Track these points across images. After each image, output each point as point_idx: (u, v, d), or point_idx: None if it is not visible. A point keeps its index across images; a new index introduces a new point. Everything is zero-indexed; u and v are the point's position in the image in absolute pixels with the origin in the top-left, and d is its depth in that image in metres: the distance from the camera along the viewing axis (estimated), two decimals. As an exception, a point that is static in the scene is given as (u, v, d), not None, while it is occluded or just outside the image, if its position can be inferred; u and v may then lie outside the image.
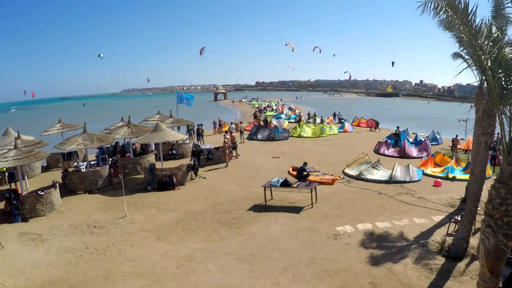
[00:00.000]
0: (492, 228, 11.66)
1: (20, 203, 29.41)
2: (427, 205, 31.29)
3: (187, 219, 29.35)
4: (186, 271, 21.48)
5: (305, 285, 19.88)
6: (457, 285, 19.69)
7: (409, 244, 24.35)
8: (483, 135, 22.85)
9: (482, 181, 22.98)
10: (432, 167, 43.27)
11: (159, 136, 39.17)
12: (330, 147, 57.11)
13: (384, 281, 20.17)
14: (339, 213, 29.77)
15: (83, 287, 20.04)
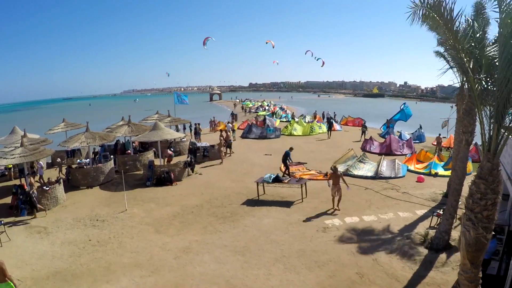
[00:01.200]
0: (473, 222, 11.67)
1: (26, 198, 29.29)
2: (411, 199, 31.42)
3: (184, 213, 29.39)
4: (183, 262, 21.57)
5: (295, 276, 19.95)
6: (439, 275, 19.73)
7: (394, 236, 24.47)
8: (464, 134, 22.92)
9: (463, 177, 23.08)
10: (415, 164, 43.42)
11: (158, 134, 39.25)
12: (319, 145, 57.20)
13: (370, 271, 20.25)
14: (328, 207, 29.79)
15: (86, 277, 20.10)
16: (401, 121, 69.82)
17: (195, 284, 19.28)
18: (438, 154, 47.04)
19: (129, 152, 45.25)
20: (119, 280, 19.78)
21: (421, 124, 68.84)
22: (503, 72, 10.83)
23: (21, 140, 33.39)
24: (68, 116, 54.57)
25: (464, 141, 23.02)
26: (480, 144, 12.43)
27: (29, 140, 36.85)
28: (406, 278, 19.59)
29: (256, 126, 70.85)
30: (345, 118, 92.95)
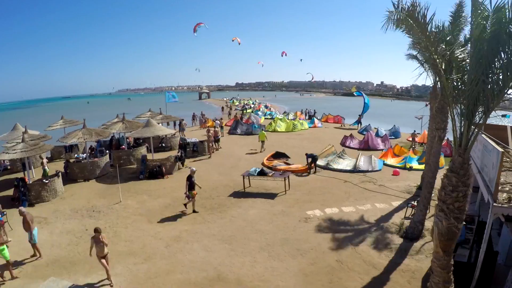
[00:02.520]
0: (445, 212, 11.69)
1: (27, 190, 29.62)
2: (387, 192, 31.60)
3: (175, 204, 29.41)
4: (174, 250, 21.69)
5: (279, 263, 20.07)
6: (414, 263, 19.89)
7: (371, 226, 24.63)
8: (437, 130, 23.09)
9: (436, 170, 23.26)
10: (391, 158, 43.61)
11: (150, 130, 39.40)
12: (301, 140, 57.18)
13: (349, 259, 20.37)
14: (309, 199, 29.97)
15: (83, 264, 20.20)
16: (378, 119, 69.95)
17: (185, 271, 19.36)
18: (413, 149, 47.20)
19: (123, 147, 45.19)
20: (114, 267, 19.74)
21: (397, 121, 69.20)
22: (474, 72, 10.86)
23: (22, 136, 33.67)
24: (66, 114, 54.29)
25: (437, 137, 23.22)
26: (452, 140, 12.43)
27: (29, 136, 36.73)
28: (383, 265, 19.72)
29: (242, 123, 70.76)
30: (325, 115, 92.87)
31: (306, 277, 18.69)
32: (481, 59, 10.78)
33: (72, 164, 37.64)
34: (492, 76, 11.10)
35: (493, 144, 17.91)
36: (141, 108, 67.67)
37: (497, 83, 11.02)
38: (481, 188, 19.24)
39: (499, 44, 10.80)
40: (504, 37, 10.77)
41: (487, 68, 10.89)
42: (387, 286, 17.94)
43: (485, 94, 10.95)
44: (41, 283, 18.23)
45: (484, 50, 10.82)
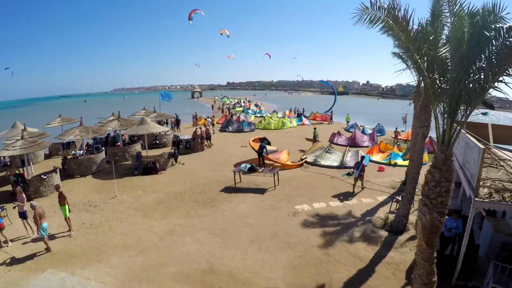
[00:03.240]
0: (428, 207, 11.71)
1: (26, 185, 29.66)
2: (372, 187, 31.72)
3: (168, 199, 29.40)
4: (168, 243, 21.68)
5: (269, 256, 20.11)
6: (398, 255, 19.95)
7: (357, 220, 24.71)
8: (420, 128, 23.12)
9: (420, 166, 23.33)
10: (377, 154, 43.77)
11: (144, 128, 39.34)
12: (290, 138, 57.25)
13: (336, 251, 20.42)
14: (298, 194, 30.01)
15: (80, 257, 20.18)
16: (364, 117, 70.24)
17: (178, 263, 19.37)
18: (398, 145, 47.32)
19: (118, 144, 45.08)
20: (110, 259, 19.85)
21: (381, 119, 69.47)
22: (455, 72, 10.87)
23: (22, 133, 33.65)
24: (64, 112, 54.16)
25: (420, 134, 23.26)
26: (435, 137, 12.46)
27: (28, 133, 36.66)
28: (368, 258, 19.78)
29: (233, 121, 70.69)
30: (313, 113, 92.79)
31: (294, 269, 18.72)
32: (462, 59, 10.80)
33: (70, 160, 37.59)
34: (473, 75, 11.11)
35: (474, 141, 17.96)
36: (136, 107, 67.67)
37: (478, 82, 11.04)
38: (463, 184, 19.30)
39: (479, 45, 10.83)
40: (483, 39, 10.79)
41: (469, 68, 10.90)
42: (373, 278, 17.97)
43: (467, 93, 10.96)
44: (40, 275, 18.18)
45: (464, 50, 10.83)
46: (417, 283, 12.57)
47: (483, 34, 10.78)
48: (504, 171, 18.63)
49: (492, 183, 16.96)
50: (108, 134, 47.01)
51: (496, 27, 10.79)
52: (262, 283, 17.57)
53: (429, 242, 12.04)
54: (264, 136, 41.03)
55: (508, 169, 18.77)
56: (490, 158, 20.28)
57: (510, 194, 15.70)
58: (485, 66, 10.98)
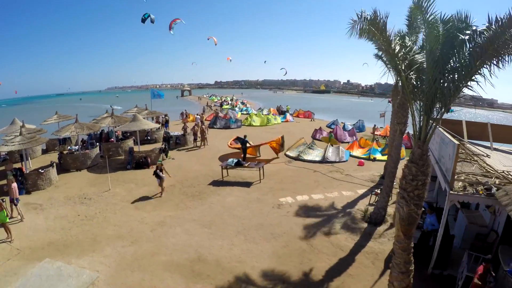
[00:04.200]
0: (406, 199, 11.76)
1: (24, 179, 29.67)
2: (353, 180, 31.83)
3: (159, 191, 29.22)
4: (158, 234, 21.72)
5: (254, 246, 20.19)
6: (377, 245, 20.11)
7: (338, 212, 24.82)
8: (398, 124, 23.30)
9: (397, 161, 23.53)
10: (357, 149, 43.88)
11: (137, 125, 39.18)
12: (274, 134, 56.91)
13: (318, 242, 20.54)
14: (282, 187, 30.09)
15: (75, 247, 20.17)
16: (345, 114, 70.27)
17: (169, 253, 19.42)
18: (377, 141, 47.47)
19: (112, 140, 44.94)
20: (103, 249, 19.87)
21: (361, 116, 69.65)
22: (430, 73, 10.93)
23: (20, 129, 33.50)
24: (60, 109, 54.13)
25: (398, 131, 23.44)
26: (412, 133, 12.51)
27: (26, 129, 36.48)
28: (349, 248, 19.92)
29: (220, 118, 70.57)
30: (297, 111, 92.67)
31: (279, 259, 18.79)
32: (437, 61, 10.86)
33: (66, 155, 37.50)
34: (447, 75, 11.18)
35: (449, 137, 18.06)
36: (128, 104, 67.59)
37: (452, 82, 11.10)
38: (438, 177, 19.43)
39: (452, 48, 10.89)
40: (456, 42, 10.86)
41: (443, 68, 10.97)
42: (353, 267, 18.08)
43: (441, 92, 11.01)
44: (37, 264, 18.16)
45: (439, 53, 10.89)
46: (395, 272, 12.63)
47: (457, 38, 10.85)
48: (477, 165, 18.78)
49: (466, 177, 17.08)
50: (102, 130, 46.77)
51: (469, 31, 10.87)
52: (248, 271, 17.62)
53: (407, 232, 12.10)
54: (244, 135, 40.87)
55: (481, 164, 18.92)
56: (464, 153, 20.43)
57: (483, 187, 15.83)
58: (458, 67, 11.06)
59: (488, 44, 10.42)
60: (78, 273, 17.35)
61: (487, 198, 15.35)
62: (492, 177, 16.97)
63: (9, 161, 34.37)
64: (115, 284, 16.73)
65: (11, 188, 23.37)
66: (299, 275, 17.36)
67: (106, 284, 16.68)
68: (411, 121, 12.13)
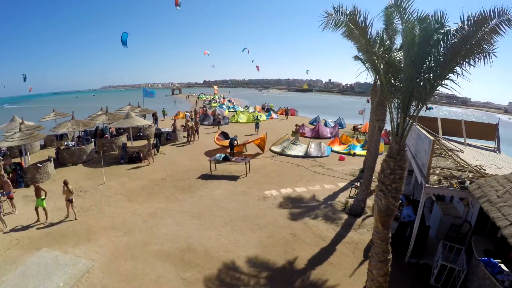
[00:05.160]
0: (384, 192, 11.76)
1: (24, 173, 29.82)
2: (334, 174, 31.92)
3: (151, 185, 29.32)
4: (150, 225, 21.76)
5: (241, 236, 20.27)
6: (357, 235, 20.20)
7: (320, 204, 24.89)
8: (377, 121, 23.40)
9: (376, 156, 23.57)
10: (338, 145, 44.02)
11: (130, 122, 39.34)
12: (260, 130, 57.09)
13: (301, 232, 20.61)
14: (267, 180, 30.16)
15: (72, 237, 20.24)
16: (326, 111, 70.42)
17: (160, 243, 19.45)
18: (356, 137, 47.64)
19: (106, 136, 44.91)
20: (98, 239, 19.95)
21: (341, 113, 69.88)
22: (408, 72, 10.92)
23: (20, 126, 33.56)
24: (57, 107, 53.94)
25: (377, 127, 23.53)
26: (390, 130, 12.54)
27: (26, 126, 36.40)
28: (330, 238, 19.99)
29: (209, 115, 70.43)
30: (281, 109, 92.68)
31: (264, 248, 18.82)
32: (413, 60, 10.85)
33: (62, 150, 37.52)
34: (424, 74, 11.19)
35: (425, 134, 18.13)
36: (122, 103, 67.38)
37: (428, 80, 11.11)
38: (415, 171, 19.49)
39: (428, 47, 10.90)
40: (432, 42, 10.86)
41: (420, 67, 10.97)
42: (334, 256, 18.14)
43: (418, 90, 11.02)
44: (36, 253, 18.21)
45: (415, 52, 10.89)
46: (373, 261, 12.65)
47: (432, 37, 10.85)
48: (451, 160, 18.88)
49: (441, 171, 17.15)
50: (97, 127, 46.92)
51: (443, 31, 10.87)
52: (235, 260, 17.65)
53: (385, 223, 12.11)
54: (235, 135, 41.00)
55: (455, 158, 19.03)
56: (439, 149, 20.55)
57: (457, 180, 15.91)
58: (433, 66, 11.06)
59: (461, 43, 10.45)
60: (74, 262, 17.43)
61: (461, 191, 15.45)
62: (466, 171, 17.08)
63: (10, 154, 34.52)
64: (109, 272, 16.76)
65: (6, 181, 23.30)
66: (283, 264, 17.40)
67: (100, 272, 16.71)
68: (389, 118, 12.12)
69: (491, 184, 14.41)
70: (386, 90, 12.01)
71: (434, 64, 11.08)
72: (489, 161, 19.92)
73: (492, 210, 12.59)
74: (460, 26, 10.64)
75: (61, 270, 16.67)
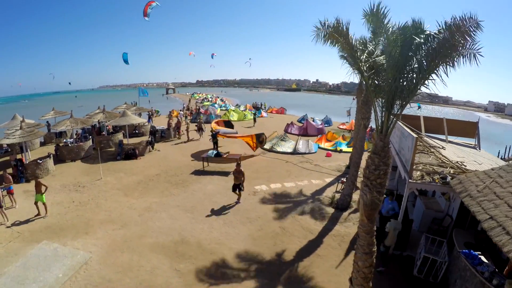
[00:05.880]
0: (369, 187, 11.78)
1: (24, 169, 29.80)
2: (321, 170, 32.03)
3: (146, 180, 29.30)
4: (145, 218, 21.77)
5: (232, 229, 20.34)
6: (343, 229, 20.29)
7: (308, 198, 24.94)
8: (362, 119, 23.52)
9: (361, 152, 23.68)
10: (325, 142, 44.22)
11: (126, 120, 39.38)
12: (250, 128, 57.15)
13: (290, 225, 20.67)
14: (257, 176, 30.21)
15: (70, 230, 20.26)
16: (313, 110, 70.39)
17: (155, 235, 19.50)
18: (343, 135, 47.78)
19: (103, 133, 44.93)
20: (96, 232, 19.99)
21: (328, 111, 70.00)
22: (390, 73, 10.95)
23: (20, 124, 33.71)
24: (56, 106, 53.91)
25: (362, 125, 23.68)
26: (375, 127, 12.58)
27: (26, 124, 36.60)
28: (317, 231, 20.07)
29: (202, 114, 69.98)
30: (271, 107, 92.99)
31: (254, 241, 18.88)
32: (396, 63, 10.89)
33: (62, 147, 37.60)
34: (406, 75, 11.22)
35: (408, 131, 18.21)
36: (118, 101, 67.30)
37: (411, 81, 11.15)
38: (399, 167, 19.58)
39: (410, 50, 10.93)
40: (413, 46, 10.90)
41: (402, 69, 11.00)
42: (321, 248, 18.22)
43: (401, 90, 11.05)
44: (36, 245, 18.25)
45: (398, 55, 10.93)
46: (359, 252, 12.67)
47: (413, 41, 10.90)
48: (434, 156, 18.96)
49: (424, 167, 17.24)
50: (95, 125, 46.94)
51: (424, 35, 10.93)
52: (227, 252, 17.70)
53: (370, 217, 12.13)
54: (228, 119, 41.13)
55: (437, 155, 19.12)
56: (422, 146, 20.64)
57: (439, 176, 16.02)
58: (415, 68, 11.10)
59: (440, 46, 10.50)
60: (72, 254, 17.51)
61: (443, 186, 15.55)
62: (447, 167, 17.18)
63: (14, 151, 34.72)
64: (106, 263, 16.79)
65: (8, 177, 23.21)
66: (273, 256, 17.45)
67: (98, 264, 16.75)
68: (374, 116, 12.15)
69: (471, 180, 14.50)
70: (370, 90, 12.02)
71: (416, 66, 11.14)
72: (470, 157, 20.03)
73: (473, 205, 12.67)
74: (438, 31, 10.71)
75: (60, 262, 16.74)
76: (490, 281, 11.83)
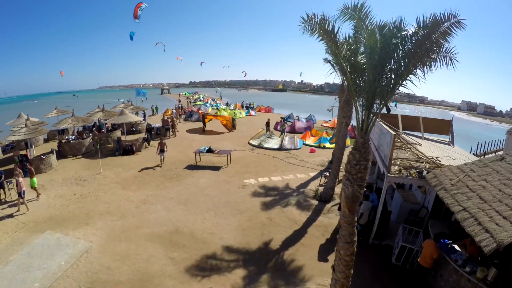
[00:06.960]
0: (350, 181, 11.75)
1: (29, 164, 29.18)
2: (306, 165, 32.04)
3: (143, 174, 29.24)
4: (142, 210, 21.78)
5: (223, 220, 20.39)
6: (326, 219, 20.37)
7: (294, 191, 24.98)
8: (344, 118, 23.51)
9: (343, 148, 23.79)
10: (309, 138, 44.27)
11: (124, 118, 39.46)
12: (240, 126, 57.07)
13: (277, 216, 20.72)
14: (246, 170, 30.20)
15: (72, 221, 20.31)
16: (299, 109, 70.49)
17: (151, 226, 19.55)
18: (326, 132, 47.85)
19: (103, 131, 44.92)
20: (96, 223, 20.05)
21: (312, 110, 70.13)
22: (371, 74, 10.93)
23: (25, 122, 34.11)
24: (59, 105, 53.83)
25: (344, 123, 23.66)
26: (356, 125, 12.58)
27: (31, 122, 36.60)
28: (302, 221, 20.14)
29: (194, 113, 70.04)
30: (259, 106, 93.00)
31: (243, 231, 18.91)
32: (376, 63, 10.87)
33: (64, 144, 37.55)
34: (385, 75, 11.21)
35: (387, 129, 18.29)
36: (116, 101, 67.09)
37: (390, 81, 11.14)
38: (378, 162, 19.64)
39: (389, 51, 10.91)
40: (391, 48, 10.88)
41: (382, 69, 10.98)
42: (306, 238, 18.29)
43: (381, 90, 11.04)
44: (40, 235, 18.36)
45: (377, 56, 10.90)
46: (341, 242, 12.64)
47: (392, 42, 10.87)
48: (410, 152, 19.08)
49: (401, 162, 17.32)
50: (95, 123, 47.00)
51: (401, 35, 10.90)
52: (218, 241, 17.75)
53: (351, 209, 12.12)
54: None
55: (414, 151, 19.23)
56: (399, 142, 20.74)
57: (415, 170, 16.10)
58: (394, 68, 11.09)
59: (417, 47, 10.48)
60: (74, 243, 17.66)
61: (419, 180, 15.65)
62: (423, 162, 17.27)
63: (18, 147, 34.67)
64: (105, 252, 16.84)
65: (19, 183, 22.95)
66: (260, 244, 17.49)
67: (98, 252, 16.83)
68: (355, 115, 12.14)
69: (445, 174, 14.58)
70: (352, 89, 11.99)
71: (394, 67, 11.12)
72: (444, 153, 20.20)
73: (447, 197, 12.73)
74: (415, 31, 10.69)
75: (62, 251, 16.88)
76: (463, 268, 11.89)
